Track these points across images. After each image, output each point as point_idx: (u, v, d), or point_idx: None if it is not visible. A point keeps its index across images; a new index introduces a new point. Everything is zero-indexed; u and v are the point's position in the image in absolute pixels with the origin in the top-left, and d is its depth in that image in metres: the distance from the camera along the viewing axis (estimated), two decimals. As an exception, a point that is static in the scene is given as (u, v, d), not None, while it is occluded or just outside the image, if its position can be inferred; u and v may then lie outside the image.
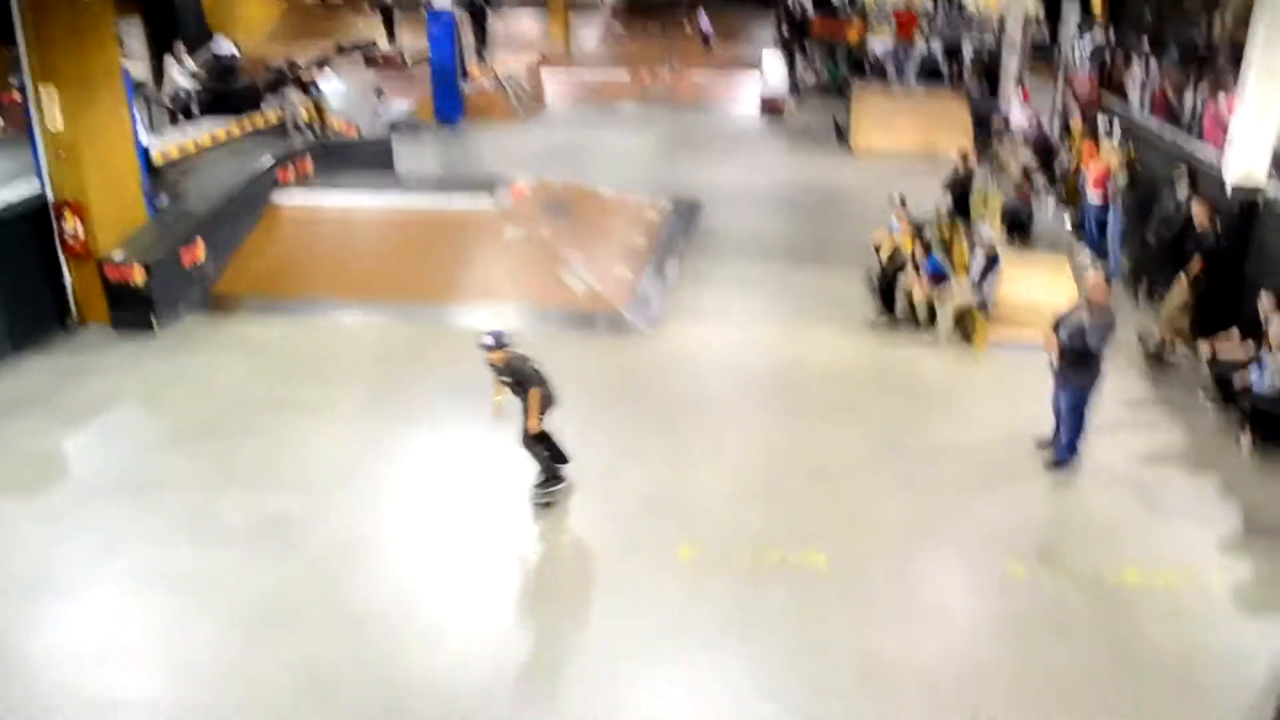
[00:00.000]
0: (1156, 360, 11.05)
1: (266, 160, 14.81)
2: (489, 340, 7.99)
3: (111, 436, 9.74)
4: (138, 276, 11.99)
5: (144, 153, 13.31)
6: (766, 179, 19.54)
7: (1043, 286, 12.26)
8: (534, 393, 8.01)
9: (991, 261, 11.84)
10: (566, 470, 8.47)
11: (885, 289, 12.26)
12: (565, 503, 8.35)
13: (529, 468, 8.35)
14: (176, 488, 8.70)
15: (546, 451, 8.33)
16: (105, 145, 12.10)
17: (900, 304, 12.09)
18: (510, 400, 8.26)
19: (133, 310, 12.08)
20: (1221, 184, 11.35)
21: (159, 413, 10.26)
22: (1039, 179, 17.04)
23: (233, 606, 7.20)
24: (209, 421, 9.93)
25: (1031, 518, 8.39)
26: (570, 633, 7.04)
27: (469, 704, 6.31)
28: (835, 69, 26.92)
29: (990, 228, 13.26)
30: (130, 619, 7.12)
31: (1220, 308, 10.86)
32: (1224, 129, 11.82)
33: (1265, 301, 9.65)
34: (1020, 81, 21.21)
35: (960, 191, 14.94)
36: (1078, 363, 8.62)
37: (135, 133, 12.75)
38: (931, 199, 14.95)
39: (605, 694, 6.39)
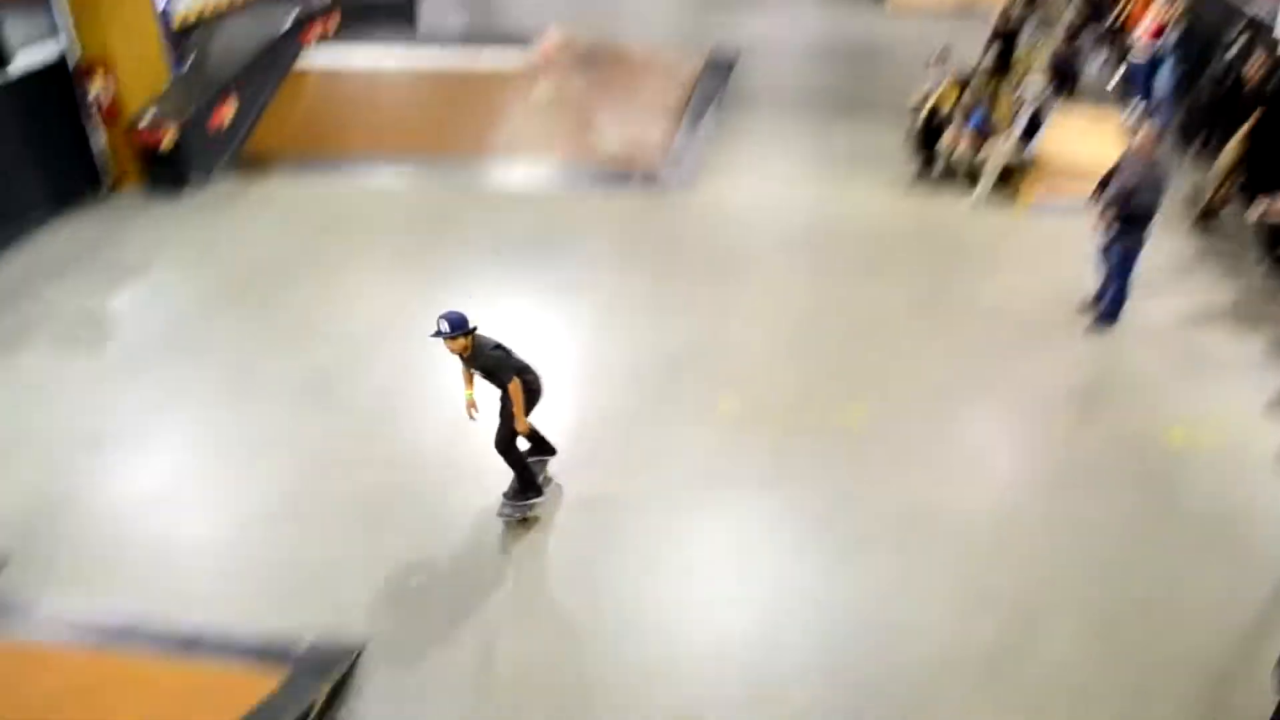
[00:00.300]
0: (1205, 218, 10.81)
1: (289, 20, 14.46)
2: (443, 327, 6.12)
3: (154, 297, 9.84)
4: (168, 139, 11.87)
5: (164, 16, 12.99)
6: (802, 33, 18.91)
7: (1090, 142, 11.92)
8: (514, 385, 6.30)
9: (1037, 117, 11.49)
10: (551, 466, 7.09)
11: (926, 145, 11.97)
12: (546, 513, 6.88)
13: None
14: (221, 346, 8.83)
15: (528, 456, 6.83)
16: (126, 8, 11.83)
17: (941, 160, 11.82)
18: (488, 390, 6.60)
19: (164, 173, 12.02)
20: (1277, 39, 10.86)
21: (197, 273, 10.33)
22: (1088, 31, 16.36)
23: (282, 455, 7.41)
24: (247, 281, 10.00)
25: (1073, 376, 8.36)
26: (610, 481, 7.16)
27: (513, 546, 6.55)
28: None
29: (1036, 82, 12.80)
30: (186, 469, 7.35)
31: (1273, 165, 10.53)
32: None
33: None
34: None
35: (1006, 44, 14.39)
36: (1125, 220, 8.44)
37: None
38: (971, 54, 14.42)
39: (645, 540, 6.57)
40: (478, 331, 6.27)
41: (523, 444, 6.74)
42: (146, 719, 5.18)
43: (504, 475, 6.69)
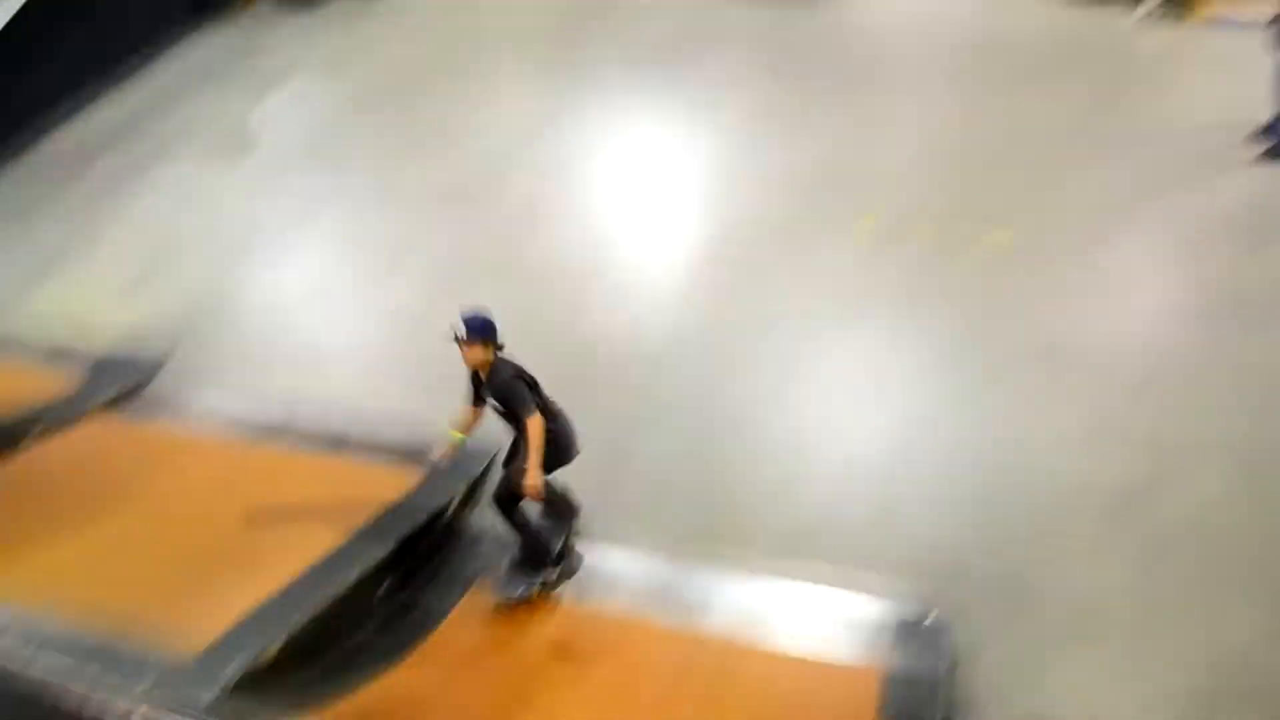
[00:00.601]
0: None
1: None
2: (459, 331, 4.77)
3: (295, 106, 9.96)
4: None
5: None
6: None
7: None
8: (534, 423, 4.65)
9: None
10: (575, 524, 5.14)
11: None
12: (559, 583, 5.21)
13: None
14: (361, 155, 8.96)
15: (546, 521, 5.10)
16: None
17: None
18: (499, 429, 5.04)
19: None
20: None
21: (337, 82, 10.34)
22: None
23: (422, 264, 7.52)
24: (386, 89, 9.98)
25: (1237, 208, 7.78)
26: (748, 299, 7.09)
27: (648, 359, 6.55)
28: None
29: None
30: (330, 275, 7.63)
31: None
32: None
33: None
34: None
35: None
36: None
37: None
38: None
39: (781, 357, 6.54)
40: (504, 351, 4.83)
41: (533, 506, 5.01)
42: (293, 508, 5.47)
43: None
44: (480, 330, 4.79)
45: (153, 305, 7.22)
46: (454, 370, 6.29)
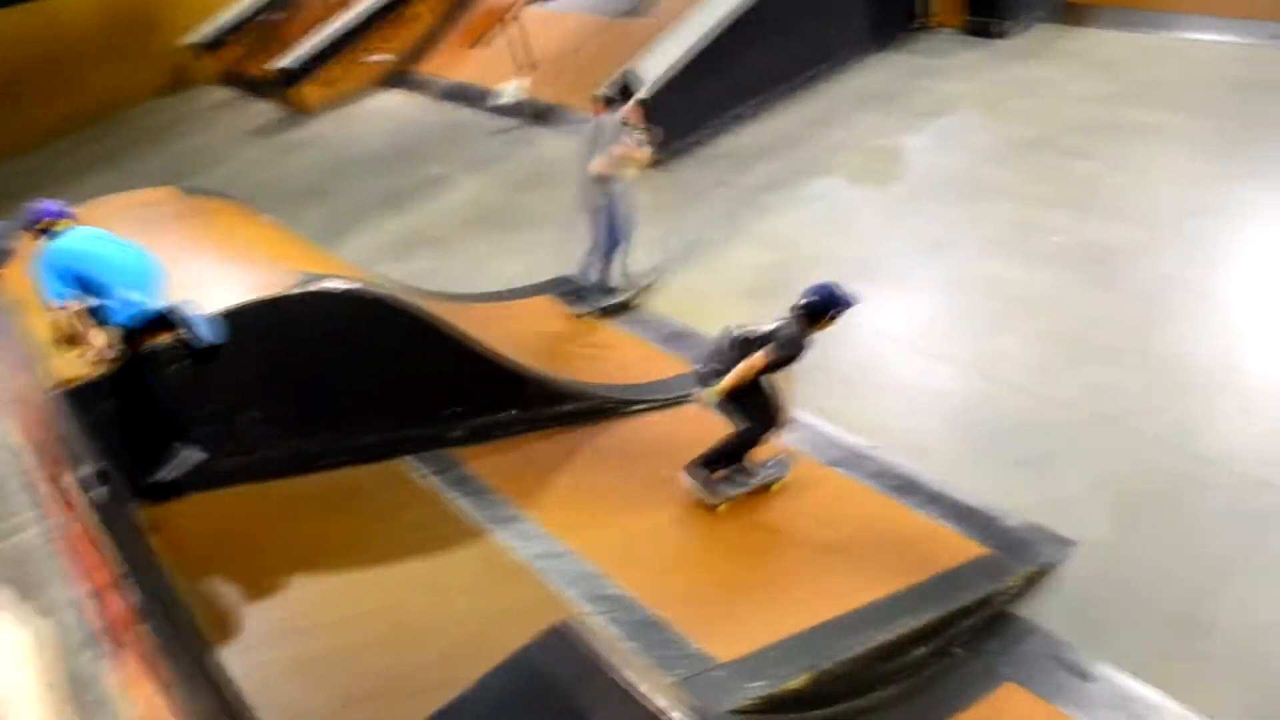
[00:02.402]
0: None
1: None
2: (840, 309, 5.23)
3: (948, 139, 9.93)
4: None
5: None
6: None
7: None
8: (758, 360, 5.14)
9: None
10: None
11: None
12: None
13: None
14: (1005, 197, 8.62)
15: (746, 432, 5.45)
16: None
17: None
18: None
19: (984, 15, 11.86)
20: None
21: (996, 120, 10.12)
22: None
23: (1044, 322, 7.03)
24: (1045, 135, 9.54)
25: None
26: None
27: (1266, 491, 5.39)
28: None
29: None
30: (940, 313, 7.44)
31: None
32: None
33: None
34: None
35: None
36: None
37: None
38: None
39: None
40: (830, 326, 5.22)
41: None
42: (847, 545, 5.35)
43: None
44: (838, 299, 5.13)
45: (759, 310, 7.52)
46: (1039, 453, 5.90)
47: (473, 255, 9.39)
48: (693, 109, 10.40)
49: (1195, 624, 4.81)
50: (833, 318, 5.16)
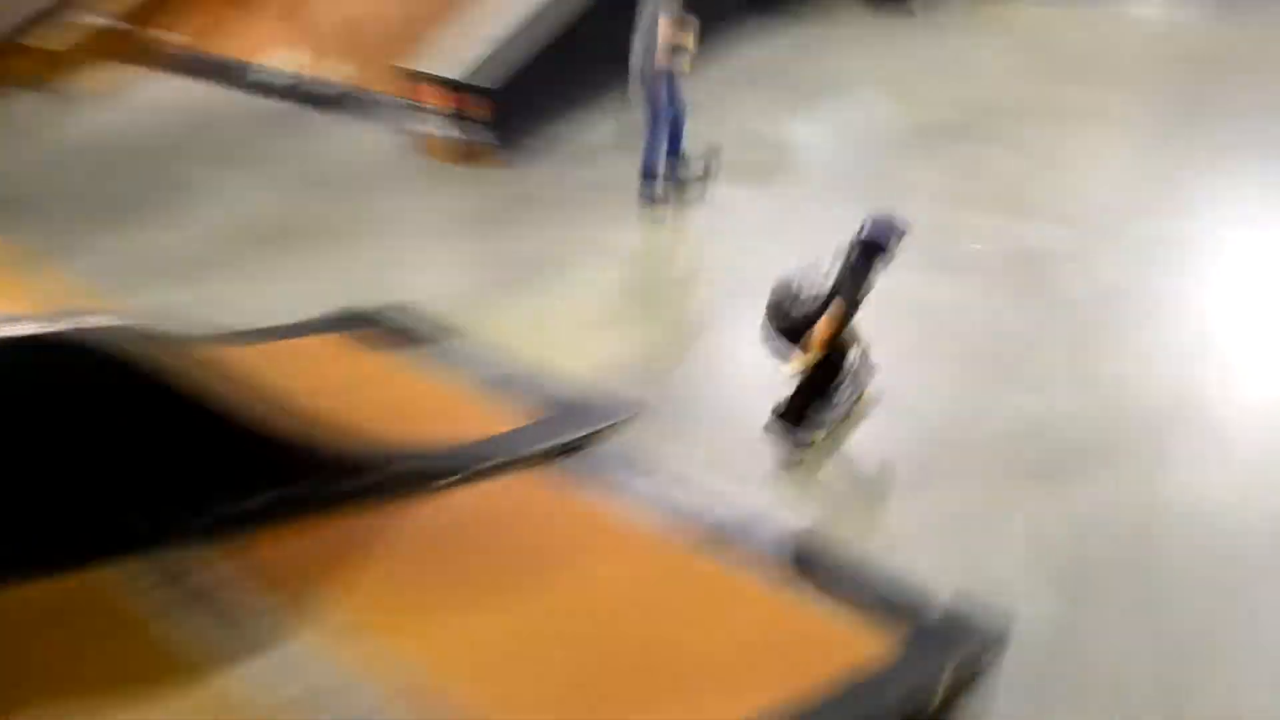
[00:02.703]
0: None
1: None
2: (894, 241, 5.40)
3: (846, 127, 9.26)
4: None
5: None
6: None
7: None
8: (839, 308, 5.28)
9: None
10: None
11: None
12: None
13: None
14: (915, 197, 7.66)
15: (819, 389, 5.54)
16: None
17: None
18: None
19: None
20: None
21: (903, 104, 9.44)
22: None
23: (964, 350, 6.28)
24: (963, 121, 8.97)
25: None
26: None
27: (1258, 546, 4.71)
28: None
29: None
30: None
31: None
32: None
33: None
34: None
35: None
36: None
37: None
38: None
39: None
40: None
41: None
42: (725, 643, 4.41)
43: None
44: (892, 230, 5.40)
45: (615, 351, 6.44)
46: (959, 502, 5.06)
47: (238, 279, 7.58)
48: (537, 98, 8.94)
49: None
50: (892, 249, 5.35)
